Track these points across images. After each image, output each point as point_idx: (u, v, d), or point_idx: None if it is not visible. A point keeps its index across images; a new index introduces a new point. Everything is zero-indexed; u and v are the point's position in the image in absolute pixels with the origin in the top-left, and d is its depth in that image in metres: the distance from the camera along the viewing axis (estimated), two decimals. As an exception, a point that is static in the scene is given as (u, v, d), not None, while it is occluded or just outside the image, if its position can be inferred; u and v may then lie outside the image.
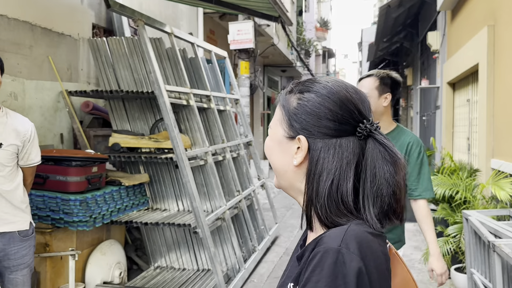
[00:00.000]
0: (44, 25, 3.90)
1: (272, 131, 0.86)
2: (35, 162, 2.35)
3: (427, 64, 8.83)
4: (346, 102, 0.78)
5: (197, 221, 3.43)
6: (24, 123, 2.27)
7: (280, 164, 0.84)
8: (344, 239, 0.70)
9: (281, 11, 3.67)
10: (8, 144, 2.18)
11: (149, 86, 3.98)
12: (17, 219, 2.24)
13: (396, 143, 2.16)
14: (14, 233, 2.23)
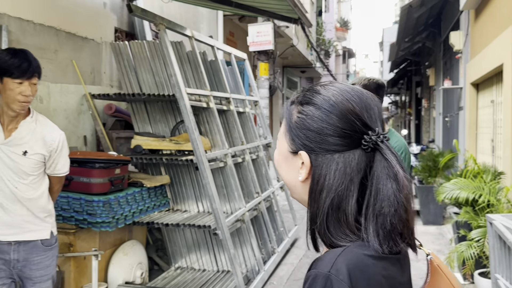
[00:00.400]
0: (68, 29, 3.99)
1: (279, 143, 0.83)
2: (62, 173, 2.24)
3: (449, 64, 8.68)
4: (347, 113, 0.73)
5: (217, 222, 3.46)
6: (52, 132, 2.16)
7: (288, 179, 0.82)
8: (335, 263, 0.67)
9: (301, 13, 3.67)
10: (34, 153, 2.08)
11: (170, 89, 4.03)
12: (38, 228, 2.15)
13: None
14: (37, 242, 2.13)
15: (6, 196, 2.06)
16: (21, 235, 2.09)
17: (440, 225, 6.47)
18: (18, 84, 1.97)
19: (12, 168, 2.05)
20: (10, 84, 1.97)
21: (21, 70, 1.97)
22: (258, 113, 5.72)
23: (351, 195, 0.72)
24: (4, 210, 2.07)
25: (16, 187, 2.06)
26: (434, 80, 10.28)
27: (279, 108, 13.54)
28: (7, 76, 1.96)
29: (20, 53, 2.02)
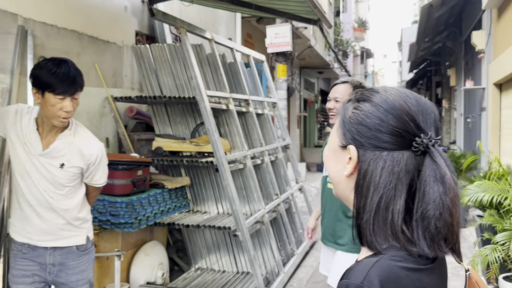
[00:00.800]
0: (91, 33, 4.06)
1: (330, 139, 0.85)
2: (99, 184, 2.19)
3: (471, 64, 8.53)
4: (402, 113, 0.73)
5: (237, 224, 3.48)
6: (90, 145, 2.08)
7: (334, 173, 0.83)
8: (368, 275, 0.67)
9: (321, 14, 3.67)
10: (71, 166, 2.02)
11: (190, 91, 4.07)
12: (74, 234, 2.11)
13: None
14: (72, 247, 2.10)
15: (42, 205, 2.04)
16: (57, 241, 2.07)
17: (462, 227, 6.37)
18: (60, 100, 1.87)
19: (49, 179, 2.02)
20: (51, 100, 1.86)
21: (64, 86, 1.86)
22: (277, 115, 5.72)
23: (399, 195, 0.71)
24: (40, 218, 2.05)
25: (52, 197, 2.03)
26: (455, 81, 10.12)
27: (296, 109, 13.52)
28: (49, 91, 1.86)
29: (63, 66, 1.90)
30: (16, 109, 2.05)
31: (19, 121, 2.01)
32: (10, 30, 3.25)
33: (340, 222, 2.45)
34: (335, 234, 2.48)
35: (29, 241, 2.06)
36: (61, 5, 3.72)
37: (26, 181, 2.02)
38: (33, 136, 1.99)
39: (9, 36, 3.23)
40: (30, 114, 2.03)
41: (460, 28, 9.52)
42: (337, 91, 2.40)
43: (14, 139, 2.02)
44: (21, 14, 3.33)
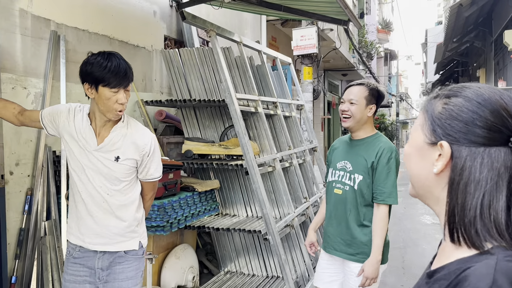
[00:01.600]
0: (121, 38, 4.11)
1: (412, 136, 0.82)
2: (154, 178, 2.13)
3: (502, 65, 8.29)
4: (499, 108, 0.71)
5: (268, 227, 3.44)
6: (143, 136, 2.05)
7: (419, 172, 0.80)
8: (495, 279, 0.63)
9: (351, 14, 3.61)
10: (126, 158, 2.00)
11: (218, 94, 4.07)
12: (127, 239, 2.07)
13: (370, 148, 2.33)
14: (120, 252, 2.06)
15: (96, 203, 2.02)
16: (110, 246, 2.03)
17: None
18: (114, 93, 1.88)
19: (104, 174, 2.00)
20: (106, 93, 1.88)
21: (118, 79, 1.87)
22: (304, 117, 5.67)
23: (500, 191, 0.69)
24: (93, 218, 2.02)
25: (108, 194, 2.01)
26: (485, 81, 9.85)
27: (320, 111, 13.42)
28: (104, 85, 1.87)
29: (114, 59, 1.88)
30: (69, 108, 2.05)
31: (72, 120, 2.02)
32: (43, 35, 3.31)
33: (352, 230, 2.33)
34: (344, 242, 2.36)
35: (81, 243, 2.04)
36: (92, 10, 3.78)
37: (81, 178, 2.01)
38: (87, 132, 2.00)
39: (42, 41, 3.30)
40: (82, 112, 2.04)
41: (490, 28, 9.27)
42: (352, 93, 2.35)
43: (68, 138, 2.02)
44: (54, 19, 3.39)
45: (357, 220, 2.33)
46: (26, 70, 3.15)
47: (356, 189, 2.32)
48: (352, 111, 2.33)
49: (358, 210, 2.33)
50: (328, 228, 2.46)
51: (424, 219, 7.46)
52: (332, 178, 2.47)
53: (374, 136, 2.38)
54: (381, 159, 2.26)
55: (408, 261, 5.04)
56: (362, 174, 2.30)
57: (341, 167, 2.42)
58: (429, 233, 6.43)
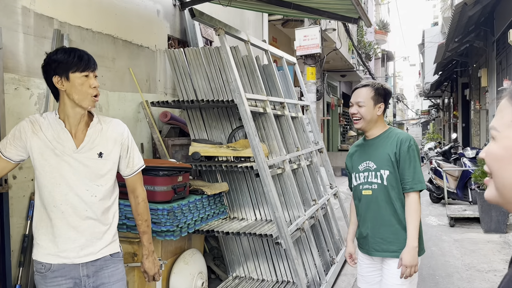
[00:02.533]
0: (125, 37, 4.00)
1: (502, 137, 0.71)
2: (140, 166, 2.11)
3: (506, 64, 8.24)
4: None
5: (280, 231, 3.34)
6: (118, 125, 2.06)
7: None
8: None
9: (362, 11, 3.53)
10: (109, 153, 1.97)
11: (225, 94, 3.96)
12: (109, 242, 2.01)
13: (388, 141, 2.35)
14: (106, 256, 2.00)
15: (79, 214, 1.92)
16: (95, 254, 1.95)
17: (504, 233, 6.09)
18: (85, 77, 1.88)
19: (89, 176, 1.92)
20: (78, 79, 1.86)
21: (85, 62, 1.88)
22: (310, 118, 5.58)
23: None
24: (77, 230, 1.92)
25: (95, 195, 1.93)
26: (486, 81, 9.81)
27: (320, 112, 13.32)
28: (74, 71, 1.86)
29: (74, 49, 1.94)
30: (30, 120, 1.94)
31: (39, 130, 1.92)
32: (46, 34, 3.20)
33: (391, 227, 2.32)
34: (385, 241, 2.33)
35: (66, 260, 1.91)
36: (96, 9, 3.67)
37: (61, 189, 1.90)
38: (62, 136, 1.91)
39: (45, 40, 3.19)
40: (47, 119, 1.95)
41: (492, 27, 9.23)
42: (359, 95, 2.39)
43: (41, 150, 1.90)
44: (57, 18, 3.28)
45: (394, 215, 2.32)
46: (29, 70, 3.04)
47: (386, 185, 2.31)
48: (362, 113, 2.36)
49: (393, 205, 2.32)
50: (365, 231, 2.43)
51: (430, 221, 7.38)
52: (357, 182, 2.45)
53: (389, 131, 2.41)
54: (401, 149, 2.29)
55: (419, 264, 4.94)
56: (388, 168, 2.31)
57: (364, 168, 2.41)
58: (435, 235, 6.35)
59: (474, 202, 7.38)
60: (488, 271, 4.63)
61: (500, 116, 0.72)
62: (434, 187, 8.69)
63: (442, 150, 9.60)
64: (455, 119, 17.26)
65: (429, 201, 9.00)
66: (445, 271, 4.68)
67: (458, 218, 6.99)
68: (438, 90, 21.75)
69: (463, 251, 5.41)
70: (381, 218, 2.34)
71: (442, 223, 7.10)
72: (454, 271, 4.68)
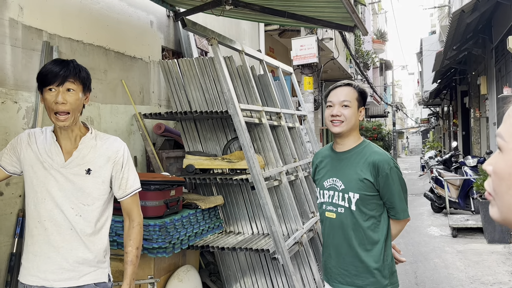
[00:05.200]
0: (117, 49, 3.93)
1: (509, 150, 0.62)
2: (135, 188, 1.96)
3: (505, 71, 8.18)
4: None
5: (276, 246, 3.23)
6: (114, 142, 1.93)
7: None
8: None
9: (358, 20, 3.46)
10: (98, 171, 1.85)
11: (220, 105, 3.88)
12: (94, 269, 1.86)
13: (360, 159, 2.03)
14: (90, 284, 1.85)
15: (62, 233, 1.81)
16: (77, 280, 1.82)
17: (508, 243, 5.96)
18: (49, 91, 1.74)
19: (75, 193, 1.82)
20: (46, 96, 1.75)
21: (52, 75, 1.74)
22: (307, 128, 5.49)
23: None
24: (58, 251, 1.81)
25: (80, 215, 1.82)
26: (486, 89, 9.74)
27: (318, 122, 13.26)
28: (43, 87, 1.76)
29: (59, 61, 1.81)
30: (29, 133, 1.92)
31: (34, 143, 1.88)
32: (35, 46, 3.13)
33: (356, 258, 2.01)
34: (350, 273, 2.03)
35: (44, 282, 1.80)
36: (87, 20, 3.60)
37: (46, 205, 1.81)
38: (53, 149, 1.85)
39: (34, 52, 3.11)
40: (45, 133, 1.91)
41: (490, 35, 9.20)
42: (343, 94, 2.04)
43: (32, 162, 1.85)
44: (46, 29, 3.21)
45: (363, 245, 2.02)
46: (17, 83, 2.96)
47: (354, 210, 2.00)
48: (346, 115, 2.01)
49: (361, 233, 2.01)
50: (328, 260, 2.13)
51: (432, 231, 7.25)
52: (321, 200, 2.15)
53: (363, 145, 2.09)
54: (380, 174, 1.98)
55: (421, 276, 4.81)
56: (357, 191, 1.99)
57: (329, 186, 2.10)
58: (438, 246, 6.22)
59: (477, 212, 7.26)
60: (493, 283, 4.50)
61: (508, 123, 0.63)
62: (436, 197, 8.57)
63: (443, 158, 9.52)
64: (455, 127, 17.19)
65: (430, 211, 8.88)
66: (449, 284, 4.55)
67: (461, 228, 6.86)
68: (437, 98, 21.70)
69: (466, 262, 5.29)
70: (346, 247, 2.04)
71: (444, 234, 6.97)
72: (458, 284, 4.55)
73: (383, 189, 1.99)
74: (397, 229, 2.10)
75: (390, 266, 2.05)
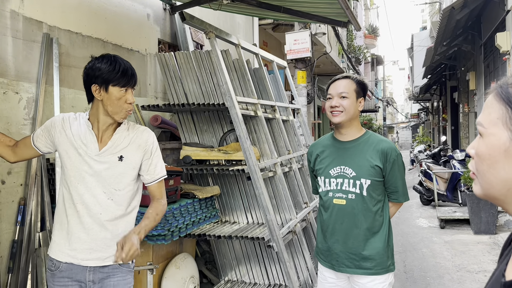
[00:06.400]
0: (115, 41, 3.99)
1: (488, 134, 0.71)
2: (163, 175, 2.08)
3: (493, 67, 8.35)
4: None
5: (272, 234, 3.33)
6: (143, 132, 2.04)
7: (503, 176, 0.69)
8: None
9: (352, 15, 3.56)
10: (130, 157, 1.97)
11: (216, 98, 3.96)
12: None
13: (368, 147, 2.15)
14: (115, 264, 1.95)
15: (93, 216, 1.92)
16: (103, 260, 1.94)
17: (493, 234, 6.15)
18: (124, 92, 1.89)
19: (109, 178, 1.93)
20: (117, 93, 1.87)
21: (127, 78, 1.89)
22: (300, 121, 5.60)
23: None
24: (88, 233, 1.92)
25: (111, 199, 1.93)
26: (475, 84, 9.93)
27: (311, 116, 13.37)
28: (114, 85, 1.87)
29: (120, 60, 1.92)
30: (63, 118, 2.01)
31: (68, 128, 1.98)
32: (36, 38, 3.18)
33: (368, 242, 2.12)
34: (359, 257, 2.12)
35: (73, 260, 1.93)
36: (86, 13, 3.65)
37: (79, 188, 1.93)
38: (88, 137, 1.95)
39: (34, 44, 3.16)
40: (78, 119, 2.00)
41: (479, 31, 9.36)
42: (341, 86, 2.16)
43: (66, 147, 1.96)
44: (46, 21, 3.26)
45: (371, 228, 2.13)
46: (18, 74, 3.01)
47: (365, 196, 2.11)
48: (345, 105, 2.13)
49: (371, 217, 2.13)
50: (333, 245, 2.19)
51: (420, 223, 7.43)
52: (327, 188, 2.21)
53: (367, 135, 2.21)
54: (388, 160, 2.12)
55: (410, 265, 4.97)
56: (369, 178, 2.11)
57: (337, 174, 2.18)
58: (426, 237, 6.39)
59: (464, 204, 7.45)
60: (478, 271, 4.66)
61: (487, 112, 0.72)
62: (425, 189, 8.75)
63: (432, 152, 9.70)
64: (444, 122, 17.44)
65: (419, 203, 9.07)
66: (436, 272, 4.72)
67: (449, 220, 7.05)
68: (427, 94, 21.95)
69: (453, 252, 5.45)
70: (356, 232, 2.12)
71: (432, 225, 7.14)
72: (445, 272, 4.71)
73: (389, 174, 2.14)
74: (393, 211, 2.26)
75: (392, 247, 2.20)
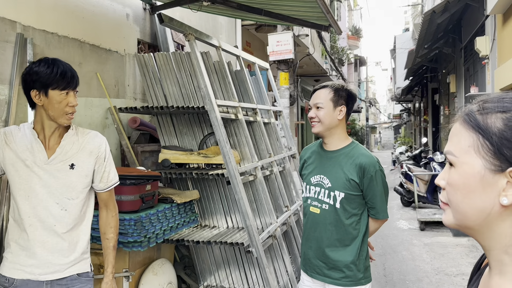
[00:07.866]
0: (93, 41, 3.90)
1: (461, 163, 0.68)
2: (115, 182, 2.07)
3: (473, 70, 8.48)
4: None
5: (251, 240, 3.30)
6: (95, 138, 2.00)
7: (480, 205, 0.67)
8: None
9: (333, 19, 3.54)
10: (81, 165, 1.92)
11: (197, 101, 3.91)
12: (77, 261, 1.95)
13: (348, 160, 2.13)
14: (73, 275, 1.93)
15: (47, 228, 1.86)
16: (61, 272, 1.88)
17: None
18: (65, 95, 1.83)
19: (59, 188, 1.87)
20: (57, 97, 1.81)
21: (66, 80, 1.83)
22: (282, 123, 5.57)
23: None
24: (44, 246, 1.86)
25: (66, 209, 1.87)
26: (455, 87, 10.07)
27: (294, 117, 13.40)
28: (53, 88, 1.81)
29: (58, 63, 1.86)
30: (5, 132, 1.92)
31: (12, 142, 1.89)
32: (9, 38, 3.08)
33: (335, 253, 2.14)
34: (327, 266, 2.16)
35: (30, 276, 1.85)
36: (62, 12, 3.55)
37: (30, 201, 1.85)
38: (35, 146, 1.87)
39: (8, 44, 3.06)
40: (23, 130, 1.92)
41: (459, 35, 9.49)
42: (317, 97, 2.18)
43: (12, 161, 1.87)
44: (20, 21, 3.16)
45: (342, 241, 2.14)
46: (-11, 76, 2.91)
47: (338, 208, 2.12)
48: (320, 116, 2.15)
49: (342, 229, 2.14)
50: (307, 251, 2.25)
51: (401, 225, 7.49)
52: (306, 194, 2.26)
53: (351, 146, 2.19)
54: (366, 176, 2.09)
55: (389, 268, 5.00)
56: (343, 190, 2.10)
57: (316, 182, 2.21)
58: (406, 239, 6.44)
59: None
60: (457, 275, 4.71)
61: (456, 140, 0.70)
62: (405, 191, 8.84)
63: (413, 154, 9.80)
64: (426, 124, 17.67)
65: (400, 205, 9.15)
66: (415, 275, 4.75)
67: (428, 222, 7.12)
68: (409, 95, 22.22)
69: (432, 255, 5.50)
70: (326, 242, 2.16)
71: (412, 227, 7.21)
72: (424, 275, 4.74)
73: (366, 189, 2.11)
74: (374, 227, 2.23)
75: (365, 261, 2.17)
